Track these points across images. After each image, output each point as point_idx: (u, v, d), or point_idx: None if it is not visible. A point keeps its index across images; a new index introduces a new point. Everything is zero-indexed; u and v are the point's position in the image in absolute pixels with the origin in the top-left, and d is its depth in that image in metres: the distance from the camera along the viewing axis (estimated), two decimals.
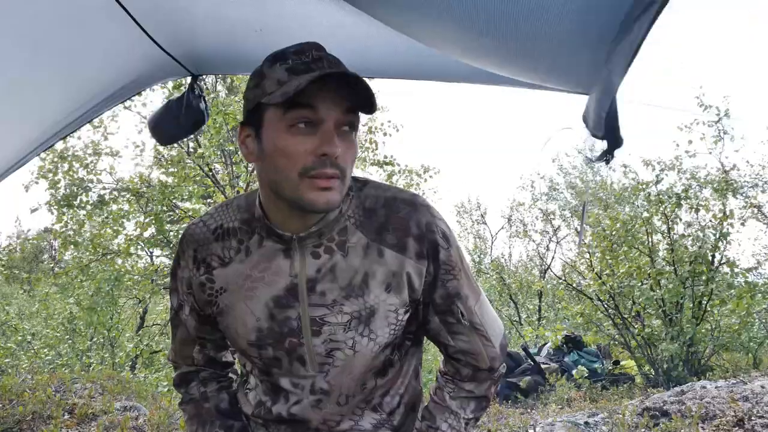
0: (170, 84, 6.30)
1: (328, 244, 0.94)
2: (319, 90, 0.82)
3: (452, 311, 0.99)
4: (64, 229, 7.92)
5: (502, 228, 16.36)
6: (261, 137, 0.88)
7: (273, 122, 0.86)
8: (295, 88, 0.80)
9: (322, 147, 0.83)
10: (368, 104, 0.85)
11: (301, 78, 0.82)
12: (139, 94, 7.44)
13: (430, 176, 9.71)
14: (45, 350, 8.49)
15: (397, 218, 0.95)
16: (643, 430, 3.70)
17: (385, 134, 9.18)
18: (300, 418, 1.01)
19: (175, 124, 1.71)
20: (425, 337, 1.11)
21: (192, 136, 8.41)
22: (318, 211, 0.88)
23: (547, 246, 13.34)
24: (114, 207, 8.09)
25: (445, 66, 1.41)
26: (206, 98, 1.80)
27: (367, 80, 0.84)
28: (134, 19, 1.31)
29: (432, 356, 8.61)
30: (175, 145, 7.61)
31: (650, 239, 6.48)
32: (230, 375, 1.16)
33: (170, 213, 8.24)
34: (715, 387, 4.29)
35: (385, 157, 9.06)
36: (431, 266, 0.96)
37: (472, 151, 36.78)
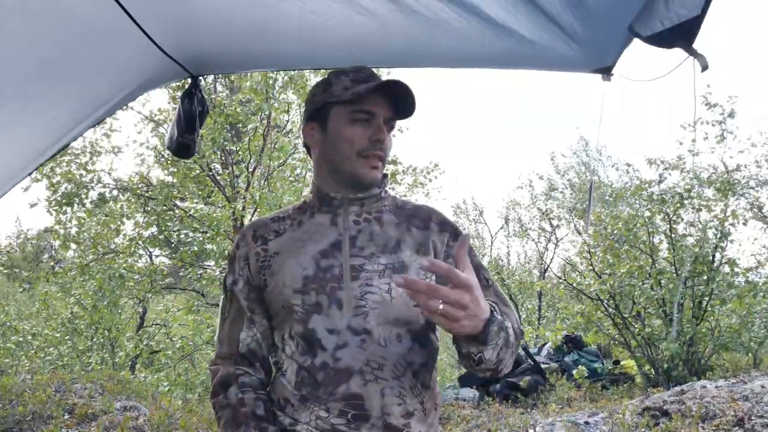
0: (173, 85, 6.28)
1: (366, 215, 1.18)
2: (376, 95, 1.13)
3: (479, 279, 1.12)
4: (63, 229, 7.90)
5: (501, 228, 16.31)
6: (327, 128, 1.17)
7: (339, 117, 1.15)
8: (365, 89, 1.11)
9: (375, 135, 1.13)
10: (409, 109, 1.15)
11: (363, 85, 1.13)
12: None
13: (435, 176, 9.52)
14: (49, 349, 8.47)
15: (422, 212, 1.23)
16: (643, 429, 3.70)
17: None
18: (344, 363, 1.07)
19: (181, 130, 1.73)
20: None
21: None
22: (366, 183, 1.15)
23: (546, 246, 13.34)
24: (114, 206, 8.07)
25: (452, 51, 1.46)
26: (203, 97, 1.80)
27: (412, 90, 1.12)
28: (137, 23, 1.31)
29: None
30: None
31: (651, 239, 6.48)
32: (267, 390, 1.18)
33: (170, 212, 8.22)
34: (715, 387, 4.29)
35: None
36: (452, 241, 1.19)
37: (470, 149, 36.68)
